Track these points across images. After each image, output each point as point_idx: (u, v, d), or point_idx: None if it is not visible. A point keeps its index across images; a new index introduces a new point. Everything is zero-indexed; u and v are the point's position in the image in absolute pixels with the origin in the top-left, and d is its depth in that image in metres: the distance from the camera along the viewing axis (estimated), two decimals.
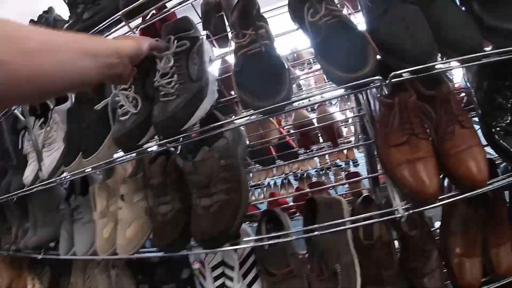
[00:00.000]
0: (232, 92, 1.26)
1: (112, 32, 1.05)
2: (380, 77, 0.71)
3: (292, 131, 1.80)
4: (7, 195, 1.52)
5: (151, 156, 1.06)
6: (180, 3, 1.08)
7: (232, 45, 0.89)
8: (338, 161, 1.70)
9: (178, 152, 0.98)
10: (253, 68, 0.81)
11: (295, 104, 0.80)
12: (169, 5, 1.08)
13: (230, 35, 0.94)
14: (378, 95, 0.91)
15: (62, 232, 1.40)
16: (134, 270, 1.42)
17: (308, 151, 1.87)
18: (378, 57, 0.75)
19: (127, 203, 1.13)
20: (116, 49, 0.66)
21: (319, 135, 1.78)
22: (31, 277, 1.95)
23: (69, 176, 1.19)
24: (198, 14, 1.23)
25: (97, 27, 1.01)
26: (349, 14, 0.85)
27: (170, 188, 1.01)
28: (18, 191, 1.42)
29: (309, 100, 1.00)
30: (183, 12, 1.21)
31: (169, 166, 1.01)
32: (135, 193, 1.14)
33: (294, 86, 1.12)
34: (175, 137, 0.86)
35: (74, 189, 1.40)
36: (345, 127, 1.90)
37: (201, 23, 1.24)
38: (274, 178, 1.87)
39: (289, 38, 1.12)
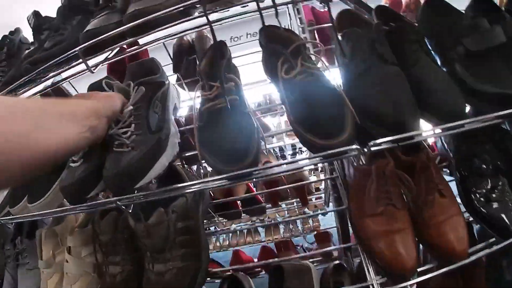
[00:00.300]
0: None
1: (71, 67, 0.96)
2: (358, 147, 0.64)
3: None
4: None
5: (101, 210, 0.95)
6: (150, 42, 1.01)
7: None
8: (306, 209, 1.62)
9: (130, 210, 0.87)
10: (218, 126, 0.73)
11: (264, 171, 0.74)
12: (141, 41, 1.01)
13: None
14: (354, 164, 0.84)
15: (6, 274, 1.26)
16: None
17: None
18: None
19: (74, 257, 1.02)
20: (93, 109, 0.61)
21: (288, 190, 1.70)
22: None
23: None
24: (169, 54, 1.17)
25: (56, 60, 0.92)
26: (324, 70, 0.78)
27: (121, 247, 0.91)
28: None
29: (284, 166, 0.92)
30: (154, 51, 1.15)
31: (121, 223, 0.92)
32: (83, 246, 1.03)
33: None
34: (127, 196, 0.76)
35: (21, 230, 1.27)
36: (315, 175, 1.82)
37: (171, 64, 1.17)
38: (240, 224, 1.77)
39: (262, 84, 1.06)
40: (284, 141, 1.87)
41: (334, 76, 0.80)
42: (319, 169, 1.78)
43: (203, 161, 0.77)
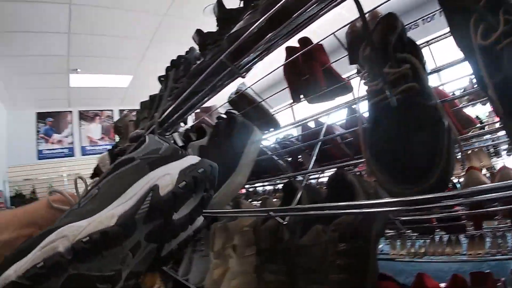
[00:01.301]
0: None
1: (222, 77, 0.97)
2: None
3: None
4: None
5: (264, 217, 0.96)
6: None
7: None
8: None
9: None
10: (389, 127, 0.56)
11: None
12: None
13: None
14: None
15: (185, 256, 1.45)
16: None
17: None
18: None
19: (238, 255, 1.07)
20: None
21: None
22: (160, 279, 2.15)
23: None
24: (343, 45, 1.08)
25: (208, 70, 0.95)
26: None
27: (278, 257, 0.89)
28: None
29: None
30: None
31: (280, 233, 0.90)
32: (247, 246, 1.07)
33: None
34: (283, 207, 0.73)
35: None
36: None
37: None
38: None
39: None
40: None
41: None
42: None
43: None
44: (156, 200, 0.47)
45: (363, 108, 0.67)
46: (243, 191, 2.11)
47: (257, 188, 2.51)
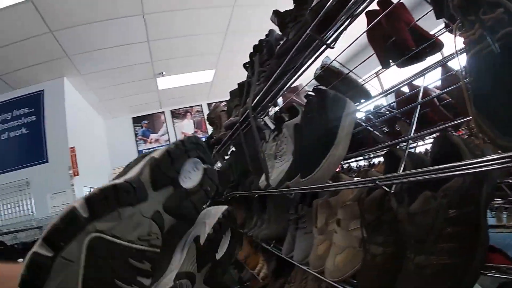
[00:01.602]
0: None
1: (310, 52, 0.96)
2: None
3: None
4: (248, 192, 1.76)
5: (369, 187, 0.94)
6: None
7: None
8: None
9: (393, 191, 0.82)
10: (495, 77, 0.52)
11: None
12: None
13: None
14: None
15: (288, 234, 1.49)
16: None
17: None
18: None
19: (343, 229, 1.07)
20: None
21: None
22: (262, 259, 2.24)
23: (294, 189, 1.23)
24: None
25: (295, 47, 0.95)
26: None
27: (385, 228, 0.88)
28: (256, 191, 1.61)
29: None
30: None
31: (386, 203, 0.88)
32: (352, 220, 1.06)
33: None
34: (390, 175, 0.71)
35: (305, 199, 1.46)
36: None
37: None
38: None
39: None
40: None
41: None
42: None
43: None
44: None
45: (460, 63, 0.62)
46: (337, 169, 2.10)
47: (351, 165, 2.47)
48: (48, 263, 0.42)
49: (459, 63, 0.66)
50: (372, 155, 1.87)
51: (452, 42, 0.60)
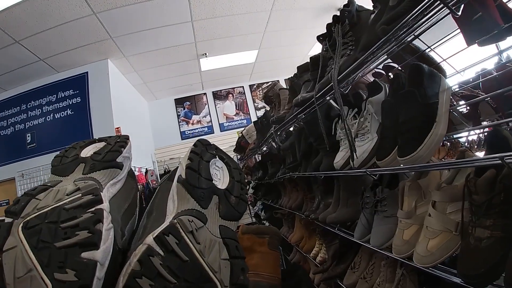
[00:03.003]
0: None
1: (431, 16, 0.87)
2: None
3: None
4: (316, 172, 1.69)
5: (479, 167, 0.87)
6: None
7: None
8: None
9: None
10: None
11: None
12: None
13: None
14: None
15: (362, 217, 1.42)
16: (421, 279, 1.30)
17: None
18: None
19: (438, 212, 1.00)
20: None
21: None
22: (320, 242, 2.18)
23: (380, 170, 1.15)
24: None
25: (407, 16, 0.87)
26: None
27: (495, 210, 0.81)
28: (327, 172, 1.53)
29: None
30: None
31: (498, 184, 0.80)
32: (450, 202, 0.99)
33: None
34: None
35: (382, 180, 1.37)
36: None
37: None
38: None
39: None
40: None
41: None
42: None
43: None
44: None
45: None
46: None
47: None
48: None
49: None
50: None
51: None
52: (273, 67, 6.38)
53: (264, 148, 3.34)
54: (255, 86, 7.06)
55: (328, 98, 1.40)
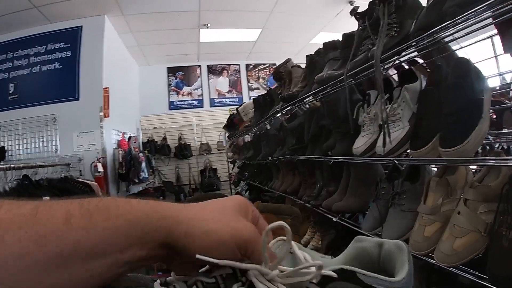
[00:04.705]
0: None
1: None
2: None
3: None
4: (324, 157, 1.63)
5: None
6: None
7: None
8: None
9: None
10: None
11: None
12: None
13: None
14: None
15: (373, 209, 1.37)
16: (433, 278, 1.27)
17: None
18: None
19: (470, 211, 0.96)
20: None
21: None
22: (313, 230, 2.13)
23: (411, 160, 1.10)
24: None
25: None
26: None
27: None
28: (339, 156, 1.47)
29: None
30: None
31: None
32: (482, 202, 0.95)
33: None
34: None
35: (401, 172, 1.32)
36: None
37: None
38: None
39: None
40: None
41: None
42: None
43: None
44: None
45: None
46: None
47: None
48: None
49: None
50: None
51: None
52: (273, 49, 6.23)
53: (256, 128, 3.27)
54: (251, 66, 6.91)
55: (359, 77, 1.33)
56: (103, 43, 4.47)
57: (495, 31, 1.00)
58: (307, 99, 1.86)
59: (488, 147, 1.48)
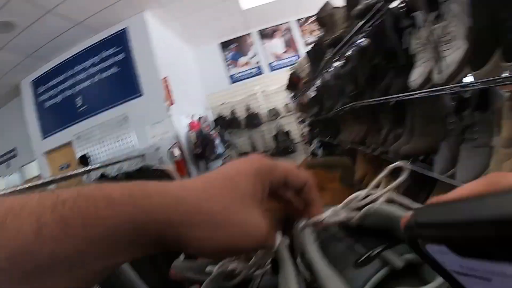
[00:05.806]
0: None
1: None
2: None
3: None
4: (385, 98, 1.46)
5: None
6: None
7: None
8: None
9: None
10: None
11: None
12: None
13: None
14: None
15: (443, 148, 1.20)
16: None
17: None
18: None
19: None
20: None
21: None
22: (388, 180, 1.99)
23: (477, 85, 0.91)
24: None
25: None
26: None
27: None
28: (399, 95, 1.31)
29: None
30: None
31: None
32: None
33: None
34: None
35: (470, 102, 1.13)
36: None
37: None
38: None
39: None
40: None
41: None
42: None
43: None
44: None
45: None
46: None
47: None
48: None
49: None
50: None
51: None
52: None
53: (319, 81, 3.11)
54: (303, 20, 6.54)
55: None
56: (151, 36, 4.59)
57: None
58: (354, 38, 1.68)
59: None
